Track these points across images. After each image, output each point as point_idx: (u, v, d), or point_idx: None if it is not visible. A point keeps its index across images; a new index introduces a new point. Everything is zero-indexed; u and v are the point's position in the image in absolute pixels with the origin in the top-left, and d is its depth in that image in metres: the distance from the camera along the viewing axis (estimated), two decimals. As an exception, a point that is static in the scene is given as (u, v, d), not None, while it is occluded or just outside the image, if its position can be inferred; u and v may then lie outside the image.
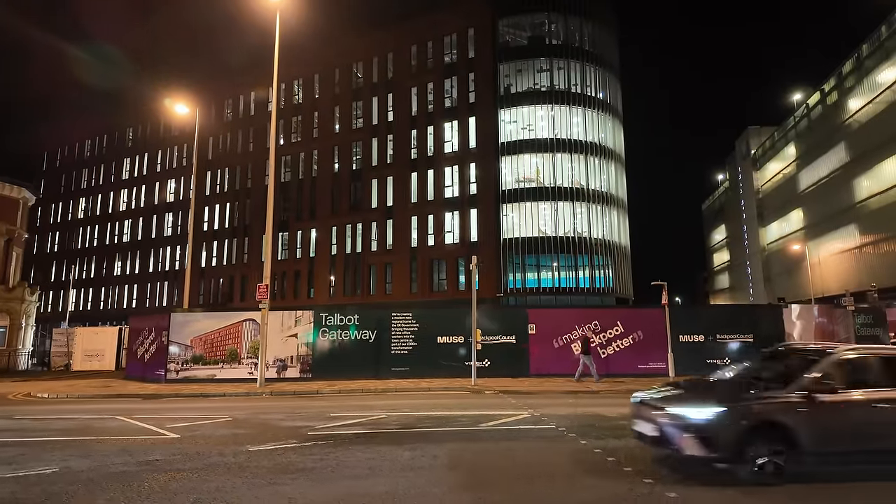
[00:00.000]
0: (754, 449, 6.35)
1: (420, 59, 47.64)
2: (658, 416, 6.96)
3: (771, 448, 6.35)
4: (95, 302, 61.88)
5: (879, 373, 6.97)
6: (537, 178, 43.55)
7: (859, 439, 6.53)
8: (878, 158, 42.83)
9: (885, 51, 42.49)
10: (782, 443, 6.36)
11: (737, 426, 6.41)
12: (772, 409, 6.56)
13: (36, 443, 9.17)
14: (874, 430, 6.55)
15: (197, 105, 34.44)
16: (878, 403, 6.64)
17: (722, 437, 6.40)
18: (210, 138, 56.62)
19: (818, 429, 6.45)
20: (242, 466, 7.33)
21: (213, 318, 20.91)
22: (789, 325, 21.50)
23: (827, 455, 6.52)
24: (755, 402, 6.66)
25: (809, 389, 6.62)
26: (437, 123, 45.95)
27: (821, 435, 6.44)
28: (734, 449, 6.36)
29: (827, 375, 6.80)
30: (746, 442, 6.36)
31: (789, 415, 6.47)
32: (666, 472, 6.91)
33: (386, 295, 45.03)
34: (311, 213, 50.04)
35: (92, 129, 65.06)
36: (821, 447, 6.44)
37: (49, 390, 18.13)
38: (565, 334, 20.58)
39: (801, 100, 59.46)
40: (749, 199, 73.32)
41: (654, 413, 7.05)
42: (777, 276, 64.88)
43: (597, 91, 45.98)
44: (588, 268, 42.80)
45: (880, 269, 42.32)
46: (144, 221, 60.16)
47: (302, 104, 52.62)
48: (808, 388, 6.63)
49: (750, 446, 6.35)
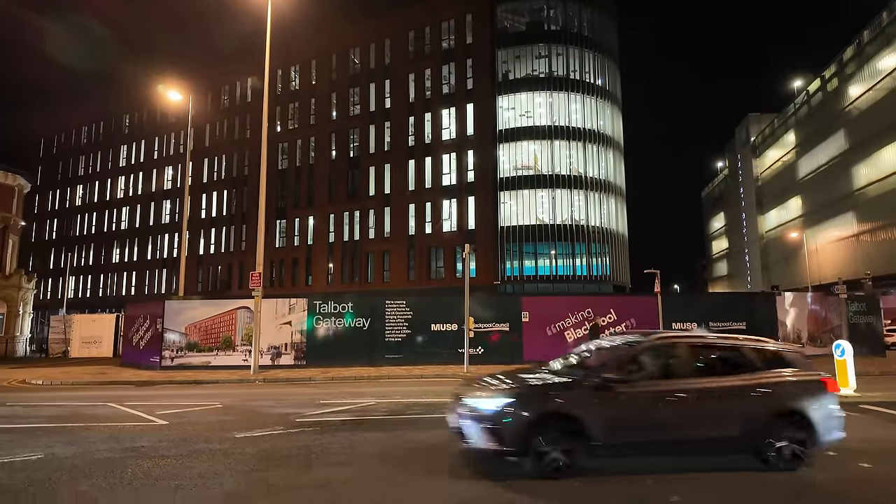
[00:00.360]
0: (542, 441, 6.05)
1: (417, 45, 47.25)
2: (457, 406, 6.71)
3: (559, 440, 6.08)
4: (94, 289, 62.01)
5: (686, 362, 6.76)
6: (535, 165, 43.39)
7: (652, 430, 6.26)
8: (877, 146, 42.65)
9: (886, 37, 42.13)
10: (572, 435, 6.08)
11: (524, 417, 6.11)
12: (562, 400, 6.29)
13: (24, 429, 9.23)
14: (669, 421, 6.28)
15: (191, 92, 34.24)
16: (676, 393, 6.37)
17: (509, 428, 6.09)
18: (207, 125, 56.36)
19: (611, 420, 6.16)
20: (227, 453, 7.38)
21: (208, 306, 20.98)
22: (782, 312, 21.56)
23: (620, 447, 6.25)
24: (545, 392, 6.41)
25: (604, 379, 6.35)
26: (435, 110, 45.69)
27: (613, 427, 6.16)
28: (522, 441, 6.05)
29: (624, 365, 6.57)
30: (534, 434, 6.05)
31: (581, 406, 6.17)
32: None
33: (384, 283, 45.11)
34: (309, 201, 49.95)
35: (88, 116, 64.77)
36: (613, 439, 6.15)
37: (44, 377, 18.23)
38: (558, 322, 20.65)
39: (802, 86, 59.08)
40: (748, 186, 73.14)
41: (456, 404, 6.79)
42: (775, 263, 64.93)
43: (595, 77, 45.64)
44: (585, 256, 42.80)
45: (877, 257, 42.34)
46: (142, 209, 60.07)
47: (299, 90, 52.28)
48: (603, 378, 6.36)
49: (537, 438, 6.04)
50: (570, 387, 6.45)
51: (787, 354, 7.04)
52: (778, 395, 6.54)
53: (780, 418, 6.44)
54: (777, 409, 6.47)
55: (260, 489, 5.91)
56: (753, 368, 6.73)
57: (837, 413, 6.70)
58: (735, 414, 6.39)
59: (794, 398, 6.57)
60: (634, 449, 6.35)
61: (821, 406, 6.57)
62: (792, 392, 6.61)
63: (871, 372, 17.40)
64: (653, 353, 6.85)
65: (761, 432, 6.37)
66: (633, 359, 6.73)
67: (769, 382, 6.59)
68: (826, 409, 6.60)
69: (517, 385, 6.72)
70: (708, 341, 7.23)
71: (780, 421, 6.43)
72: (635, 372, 6.59)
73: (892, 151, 41.00)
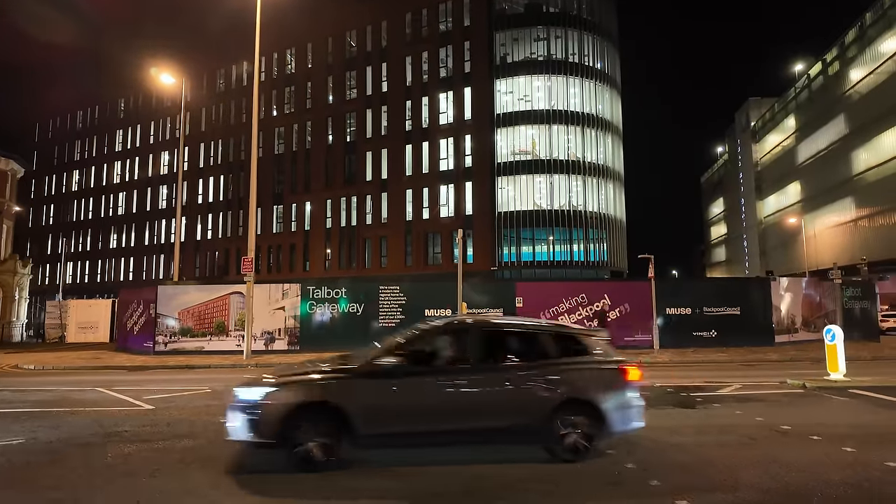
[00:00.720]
0: (299, 432, 5.74)
1: (415, 28, 46.67)
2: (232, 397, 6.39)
3: (318, 431, 5.76)
4: (92, 275, 61.99)
5: (476, 347, 6.40)
6: (533, 150, 43.11)
7: (428, 420, 5.94)
8: (876, 130, 42.37)
9: (888, 19, 41.63)
10: (334, 425, 5.77)
11: (280, 407, 5.78)
12: (326, 388, 5.94)
13: (9, 414, 9.20)
14: (448, 410, 5.96)
15: (187, 76, 33.86)
16: (457, 380, 6.06)
17: (266, 418, 5.77)
18: (203, 109, 55.90)
19: (380, 409, 5.86)
20: (210, 439, 7.36)
21: (201, 291, 20.93)
22: (777, 297, 21.52)
23: (389, 438, 5.94)
24: (310, 380, 6.05)
25: (374, 365, 6.03)
26: (432, 94, 45.26)
27: (382, 416, 5.86)
28: (277, 432, 5.73)
29: (396, 350, 6.24)
30: (290, 424, 5.74)
31: (346, 394, 5.86)
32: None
33: (381, 268, 45.05)
34: (306, 186, 49.71)
35: (83, 100, 64.16)
36: (381, 429, 5.86)
37: (37, 362, 18.25)
38: (553, 307, 20.62)
39: (803, 70, 58.57)
40: (747, 171, 72.85)
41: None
42: (773, 249, 64.89)
43: (595, 61, 45.16)
44: (583, 241, 42.71)
45: (874, 243, 42.28)
46: (139, 194, 59.82)
47: (295, 74, 51.77)
48: (374, 364, 6.05)
49: (294, 429, 5.74)
50: (341, 374, 6.12)
51: (588, 341, 6.70)
52: (567, 384, 6.23)
53: (567, 408, 6.14)
54: (565, 397, 6.16)
55: (239, 475, 5.88)
56: (546, 355, 6.43)
57: (635, 402, 6.42)
58: (521, 403, 6.09)
59: (584, 387, 6.28)
60: (407, 440, 6.02)
61: (614, 395, 6.31)
62: (583, 381, 6.33)
63: (863, 357, 17.42)
64: (440, 338, 6.56)
65: (548, 422, 6.06)
66: (417, 342, 6.43)
67: (559, 370, 6.30)
68: (621, 398, 6.34)
69: (291, 372, 6.39)
70: (503, 326, 6.90)
71: (567, 410, 6.13)
72: (417, 357, 6.26)
73: (892, 136, 40.73)
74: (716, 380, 12.79)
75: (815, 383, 11.56)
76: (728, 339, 20.36)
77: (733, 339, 20.26)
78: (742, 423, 8.21)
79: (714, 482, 5.48)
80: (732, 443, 7.01)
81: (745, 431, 7.59)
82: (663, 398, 10.48)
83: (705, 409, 9.38)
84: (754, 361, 16.82)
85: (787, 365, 15.90)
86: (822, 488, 5.31)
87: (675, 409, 9.43)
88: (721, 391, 11.24)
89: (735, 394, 10.94)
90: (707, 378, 13.11)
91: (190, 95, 54.34)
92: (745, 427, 7.87)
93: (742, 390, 11.33)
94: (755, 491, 5.24)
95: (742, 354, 18.16)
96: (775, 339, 20.92)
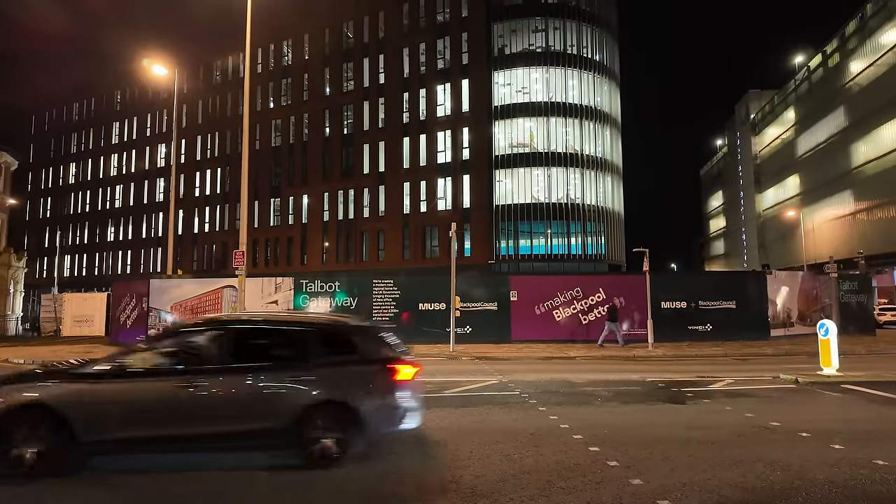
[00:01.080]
0: (14, 436, 5.38)
1: (412, 19, 46.30)
2: None
3: (36, 436, 5.39)
4: (89, 268, 61.92)
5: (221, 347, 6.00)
6: (531, 143, 42.87)
7: (159, 425, 5.59)
8: (876, 123, 42.14)
9: (888, 10, 41.29)
10: (52, 431, 5.43)
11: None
12: (40, 391, 5.64)
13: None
14: (181, 415, 5.61)
15: (184, 68, 33.60)
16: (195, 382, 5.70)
17: None
18: (199, 101, 55.62)
19: (99, 414, 5.52)
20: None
21: (193, 285, 20.85)
22: (772, 291, 21.43)
23: (111, 444, 5.58)
24: (22, 382, 5.82)
25: (102, 367, 5.81)
26: (430, 86, 44.95)
27: (104, 421, 5.51)
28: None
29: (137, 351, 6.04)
30: (3, 427, 5.41)
31: (64, 398, 5.52)
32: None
33: (378, 262, 44.94)
34: (303, 179, 49.52)
35: (79, 92, 63.81)
36: (103, 436, 5.51)
37: (28, 356, 18.16)
38: (547, 301, 20.53)
39: (803, 62, 58.21)
40: (747, 164, 72.61)
41: None
42: (771, 242, 64.78)
43: (593, 52, 44.83)
44: (581, 234, 42.58)
45: (872, 236, 42.15)
46: (136, 186, 59.64)
47: (291, 65, 51.44)
48: (101, 366, 5.84)
49: (7, 433, 5.40)
50: (64, 376, 5.82)
51: (357, 338, 6.27)
52: (321, 385, 5.85)
53: (319, 410, 5.75)
54: (317, 399, 5.78)
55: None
56: (304, 354, 6.01)
57: (403, 403, 6.00)
58: (264, 406, 5.73)
59: (340, 388, 5.88)
60: (132, 446, 5.65)
61: (376, 396, 5.94)
62: (339, 381, 5.93)
63: (857, 351, 17.35)
64: (189, 337, 6.23)
65: (296, 426, 5.64)
66: (163, 341, 6.21)
67: (314, 369, 5.91)
68: (384, 399, 5.96)
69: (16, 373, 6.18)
70: (260, 324, 6.63)
71: (320, 413, 5.74)
72: (163, 356, 5.99)
73: (891, 128, 40.50)
74: (708, 374, 12.71)
75: (808, 378, 11.47)
76: (723, 333, 20.29)
77: (729, 333, 20.19)
78: (731, 419, 8.11)
79: (697, 481, 5.38)
80: (719, 440, 6.91)
81: (733, 428, 7.49)
82: (654, 393, 10.40)
83: (695, 404, 9.29)
84: (749, 356, 16.75)
85: (781, 359, 15.82)
86: (808, 487, 5.21)
87: (665, 404, 9.35)
88: (712, 386, 11.15)
89: (726, 389, 10.85)
90: (700, 373, 13.03)
91: (186, 87, 54.06)
92: (733, 423, 7.77)
93: (734, 385, 11.25)
94: (738, 490, 5.14)
95: (737, 349, 18.09)
96: (771, 332, 20.86)
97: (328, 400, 5.83)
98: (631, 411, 8.78)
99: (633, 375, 12.60)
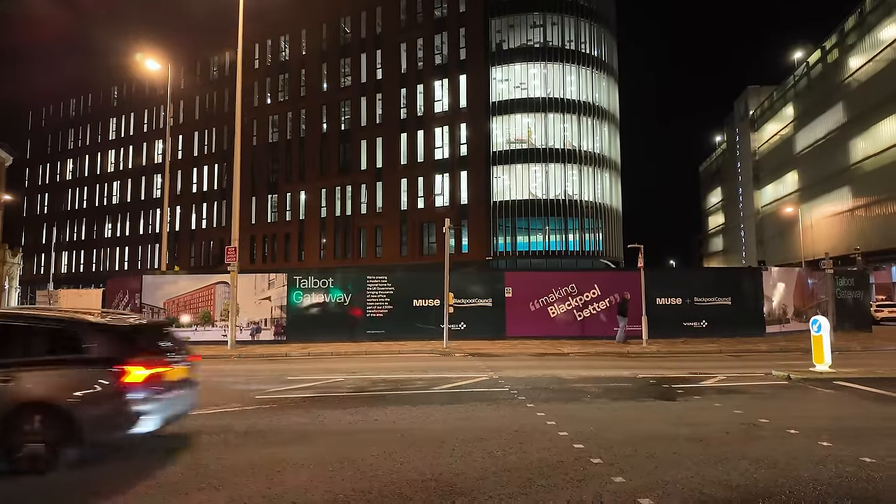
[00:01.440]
0: None
1: (409, 14, 46.09)
2: None
3: None
4: (87, 264, 61.81)
5: None
6: (529, 139, 42.73)
7: None
8: (875, 119, 42.01)
9: (887, 6, 41.10)
10: None
11: None
12: None
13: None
14: None
15: (178, 63, 33.41)
16: None
17: None
18: (196, 97, 55.39)
19: None
20: (172, 432, 7.17)
21: (187, 281, 20.76)
22: (768, 288, 21.34)
23: None
24: None
25: None
26: (427, 82, 44.79)
27: None
28: None
29: None
30: None
31: None
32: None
33: (376, 258, 44.85)
34: (301, 175, 49.37)
35: (76, 88, 63.60)
36: None
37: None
38: (542, 297, 20.43)
39: (802, 58, 58.02)
40: (745, 160, 72.49)
41: None
42: (770, 238, 64.71)
43: (592, 48, 44.65)
44: (578, 231, 42.50)
45: (871, 232, 42.07)
46: (133, 183, 59.48)
47: (289, 61, 51.22)
48: None
49: None
50: None
51: (85, 337, 5.86)
52: (30, 384, 5.55)
53: (28, 412, 5.45)
54: (24, 400, 5.49)
55: (190, 470, 5.71)
56: (11, 351, 5.73)
57: (134, 406, 5.70)
58: None
59: (50, 389, 5.57)
60: None
61: (97, 399, 5.61)
62: (51, 382, 5.61)
63: (852, 347, 17.29)
64: None
65: (3, 429, 5.39)
66: None
67: (21, 369, 5.61)
68: (107, 402, 5.65)
69: None
70: None
71: (28, 415, 5.44)
72: None
73: (890, 124, 40.38)
74: (701, 371, 12.63)
75: (800, 375, 11.40)
76: (719, 329, 20.21)
77: (724, 330, 20.11)
78: (719, 416, 8.03)
79: (680, 479, 5.31)
80: (706, 437, 6.83)
81: (721, 425, 7.41)
82: (644, 390, 10.33)
83: (685, 401, 9.22)
84: (743, 352, 16.68)
85: (776, 356, 15.74)
86: (791, 485, 5.13)
87: (655, 401, 9.27)
88: (704, 383, 11.08)
89: (718, 385, 10.77)
90: (693, 369, 12.96)
91: (183, 83, 53.88)
92: (721, 421, 7.70)
93: (725, 382, 11.17)
94: (722, 488, 5.06)
95: (731, 345, 18.01)
96: (766, 329, 20.78)
97: (39, 402, 5.55)
98: (619, 408, 8.71)
99: (625, 372, 12.53)
